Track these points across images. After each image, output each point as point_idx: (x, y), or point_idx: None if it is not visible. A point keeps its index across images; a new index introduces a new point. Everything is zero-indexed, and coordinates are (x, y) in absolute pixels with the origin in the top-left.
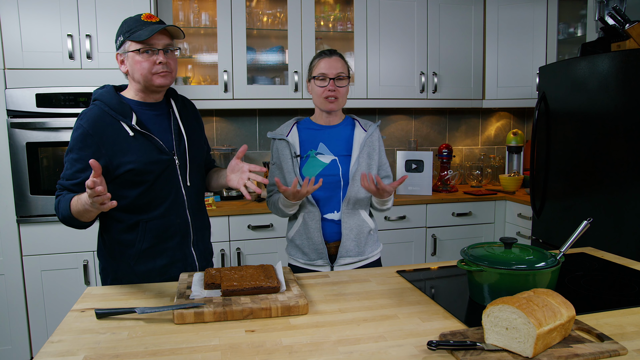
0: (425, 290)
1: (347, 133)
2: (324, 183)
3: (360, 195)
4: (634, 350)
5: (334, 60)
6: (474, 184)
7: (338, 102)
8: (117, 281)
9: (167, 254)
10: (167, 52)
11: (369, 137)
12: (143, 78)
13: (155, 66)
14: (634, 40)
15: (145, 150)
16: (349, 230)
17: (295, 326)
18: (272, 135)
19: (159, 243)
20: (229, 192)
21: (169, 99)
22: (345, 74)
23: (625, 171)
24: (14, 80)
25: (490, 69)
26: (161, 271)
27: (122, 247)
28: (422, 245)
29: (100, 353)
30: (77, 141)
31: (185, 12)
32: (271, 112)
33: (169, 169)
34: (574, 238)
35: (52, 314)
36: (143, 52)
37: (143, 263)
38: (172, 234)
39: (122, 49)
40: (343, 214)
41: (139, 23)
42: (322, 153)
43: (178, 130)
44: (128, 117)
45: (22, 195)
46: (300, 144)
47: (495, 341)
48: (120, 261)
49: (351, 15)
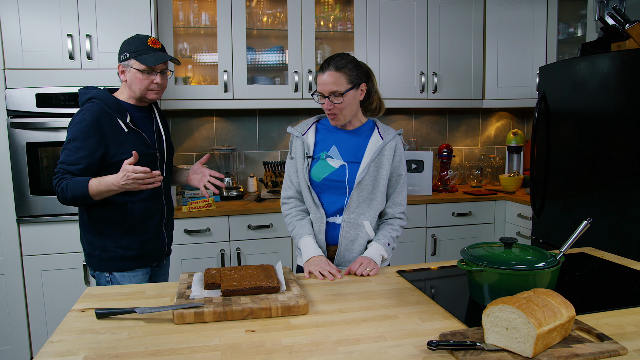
0: (425, 290)
1: (362, 139)
2: (328, 187)
3: (362, 205)
4: (634, 350)
5: (326, 76)
6: (474, 184)
7: (338, 117)
8: (105, 252)
9: (148, 231)
10: (162, 73)
11: (384, 145)
12: (140, 92)
13: (152, 85)
14: (634, 40)
15: (136, 144)
16: (347, 239)
17: (295, 326)
18: (291, 131)
19: (143, 221)
20: (229, 192)
21: (151, 105)
22: (340, 91)
23: (625, 171)
24: (14, 80)
25: (490, 69)
26: (142, 245)
27: (111, 223)
28: (422, 245)
29: (100, 353)
30: (81, 132)
31: (185, 12)
32: (271, 112)
33: (153, 161)
34: (574, 238)
35: (52, 314)
36: (144, 72)
37: (128, 237)
38: (152, 214)
39: (125, 63)
40: (344, 221)
41: (146, 47)
42: (332, 157)
43: (159, 130)
44: (124, 116)
45: (22, 195)
46: (316, 144)
47: (495, 341)
48: (107, 235)
49: (351, 15)
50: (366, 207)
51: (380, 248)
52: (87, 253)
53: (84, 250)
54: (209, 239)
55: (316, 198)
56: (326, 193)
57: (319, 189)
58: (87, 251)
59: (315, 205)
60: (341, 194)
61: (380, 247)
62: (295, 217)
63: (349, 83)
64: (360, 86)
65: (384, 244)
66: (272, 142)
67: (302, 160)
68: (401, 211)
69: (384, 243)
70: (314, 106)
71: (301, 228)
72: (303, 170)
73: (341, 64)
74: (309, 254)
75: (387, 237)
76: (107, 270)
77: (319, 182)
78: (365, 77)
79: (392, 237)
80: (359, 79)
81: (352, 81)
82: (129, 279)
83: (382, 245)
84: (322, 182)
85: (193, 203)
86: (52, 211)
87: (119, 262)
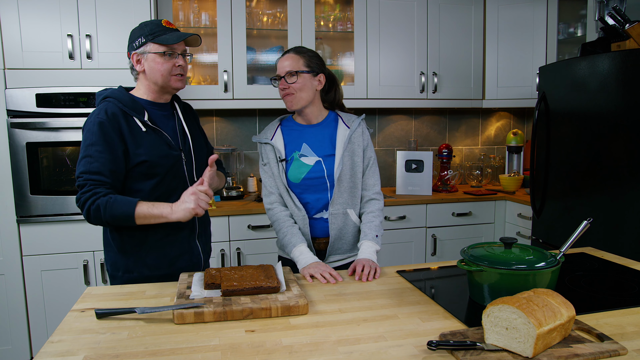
0: (425, 290)
1: (329, 131)
2: (310, 185)
3: (345, 196)
4: (634, 350)
5: (285, 57)
6: (474, 184)
7: (294, 98)
8: (129, 273)
9: (176, 245)
10: (184, 56)
11: (352, 133)
12: (162, 79)
13: (174, 68)
14: (634, 40)
15: (156, 144)
16: (336, 230)
17: (295, 326)
18: (257, 140)
19: (169, 234)
20: (229, 192)
21: (173, 102)
22: (298, 69)
23: (625, 171)
24: (14, 80)
25: (490, 69)
26: (171, 262)
27: (134, 241)
28: (422, 245)
29: (100, 353)
30: (99, 133)
31: (185, 12)
32: (271, 112)
33: (177, 164)
34: (574, 238)
35: (52, 314)
36: (165, 54)
37: (154, 254)
38: (182, 226)
39: (141, 49)
40: (331, 214)
41: (162, 28)
42: (305, 155)
43: (182, 130)
44: (140, 114)
45: (22, 195)
46: (285, 146)
47: (495, 341)
48: (131, 254)
49: (351, 15)
50: (349, 196)
51: (371, 245)
52: (111, 274)
53: (107, 271)
54: None
55: (296, 200)
56: (308, 192)
57: (301, 190)
58: (110, 272)
59: (297, 207)
60: (323, 190)
61: (371, 243)
62: (285, 223)
63: (305, 66)
64: (318, 75)
65: (372, 237)
66: None
67: (276, 164)
68: (376, 191)
69: (372, 237)
70: None
71: (293, 236)
72: (279, 174)
73: (302, 49)
74: (307, 262)
75: (372, 229)
76: None
77: (298, 183)
78: (325, 70)
79: (375, 225)
80: (317, 68)
81: (309, 66)
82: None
83: (372, 240)
84: (302, 182)
85: None
86: (52, 211)
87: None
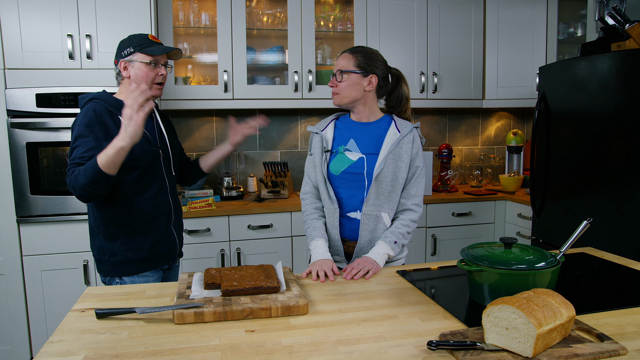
0: (425, 290)
1: (380, 132)
2: (348, 180)
3: (381, 198)
4: (634, 350)
5: (341, 57)
6: (474, 184)
7: (337, 95)
8: (114, 257)
9: (155, 231)
10: (165, 67)
11: (402, 138)
12: (145, 85)
13: (157, 77)
14: (634, 40)
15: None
16: (367, 232)
17: (295, 326)
18: (310, 129)
19: (150, 221)
20: (229, 192)
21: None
22: (347, 69)
23: (625, 171)
24: (14, 80)
25: (490, 69)
26: (151, 246)
27: (118, 227)
28: (422, 245)
29: (100, 353)
30: (87, 126)
31: (185, 12)
32: (271, 112)
33: (156, 159)
34: (574, 238)
35: (52, 314)
36: (150, 64)
37: (136, 239)
38: (160, 213)
39: (129, 58)
40: (364, 214)
41: (148, 41)
42: (350, 150)
43: (160, 130)
44: None
45: (22, 195)
46: (334, 139)
47: (495, 341)
48: (115, 239)
49: (351, 15)
50: (385, 199)
51: (385, 247)
52: (97, 259)
53: (94, 256)
54: (209, 239)
55: (332, 192)
56: (345, 187)
57: (338, 183)
58: (96, 257)
59: (330, 200)
60: (360, 187)
61: (386, 245)
62: (311, 215)
63: (355, 66)
64: (369, 76)
65: (390, 241)
66: (272, 142)
67: (320, 154)
68: (415, 203)
69: (390, 241)
70: (314, 106)
71: (314, 230)
72: (321, 164)
73: (358, 49)
74: (317, 257)
75: (395, 234)
76: (117, 275)
77: (337, 175)
78: (379, 72)
79: (400, 233)
80: (368, 68)
81: (359, 66)
82: (140, 283)
83: (388, 243)
84: (341, 175)
85: (193, 203)
86: (52, 211)
87: (129, 266)
